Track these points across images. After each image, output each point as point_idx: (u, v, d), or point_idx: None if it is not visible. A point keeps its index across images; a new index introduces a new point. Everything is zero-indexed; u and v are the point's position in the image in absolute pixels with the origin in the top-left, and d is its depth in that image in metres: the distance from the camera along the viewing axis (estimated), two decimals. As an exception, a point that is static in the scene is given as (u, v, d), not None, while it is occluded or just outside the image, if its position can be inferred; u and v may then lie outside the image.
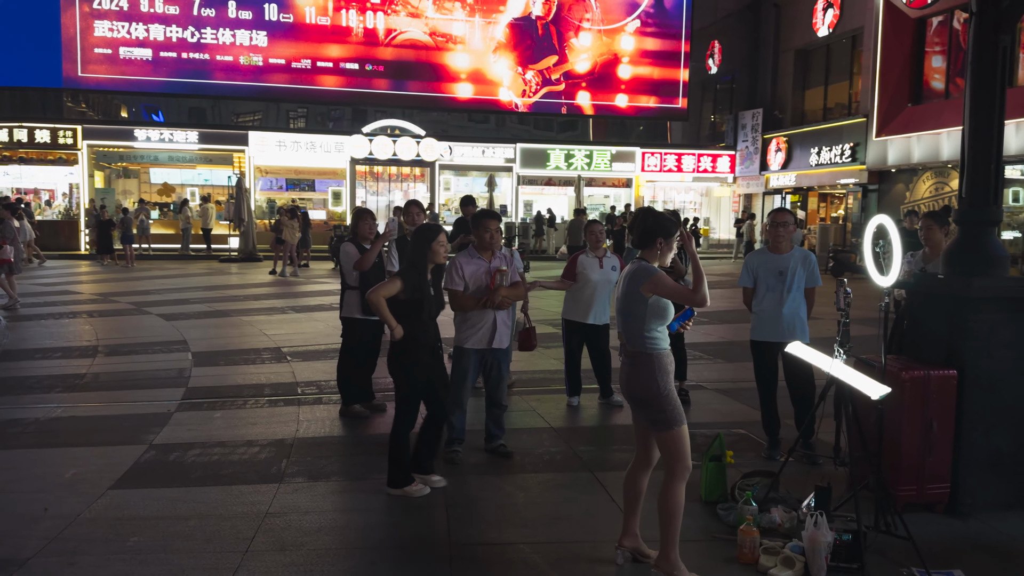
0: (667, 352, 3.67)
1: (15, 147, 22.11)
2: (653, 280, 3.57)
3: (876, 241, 3.93)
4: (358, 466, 5.19)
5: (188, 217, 22.80)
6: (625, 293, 3.69)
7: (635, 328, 3.62)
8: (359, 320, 6.25)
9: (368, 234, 6.30)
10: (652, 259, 3.70)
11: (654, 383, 3.58)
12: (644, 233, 3.71)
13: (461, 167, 25.56)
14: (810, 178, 23.67)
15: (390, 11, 24.09)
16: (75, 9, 21.87)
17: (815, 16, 23.37)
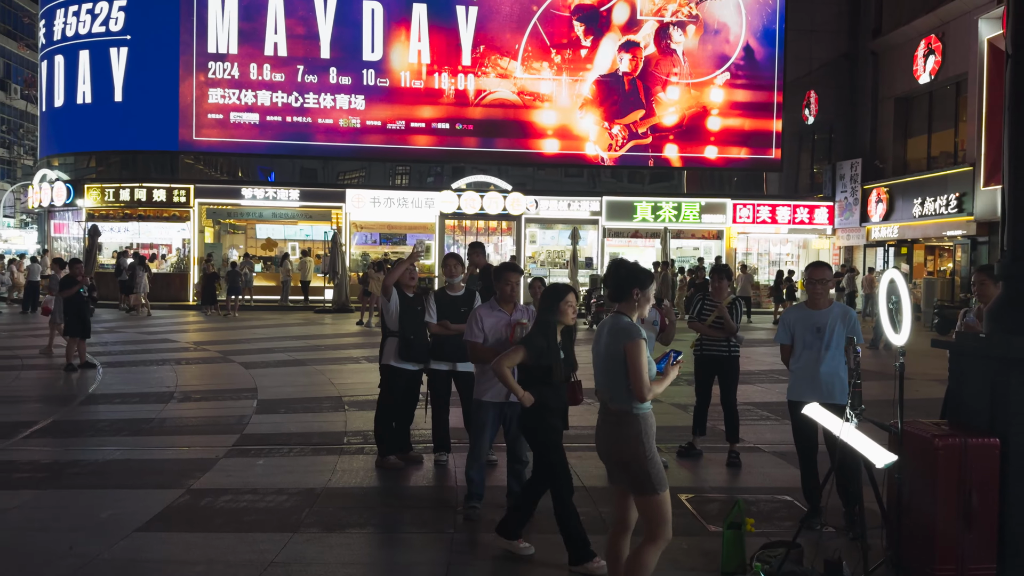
0: (651, 413, 3.53)
1: (135, 205, 24.01)
2: (632, 346, 3.45)
3: (889, 297, 3.67)
4: (375, 518, 5.20)
5: (288, 270, 23.94)
6: (607, 350, 3.57)
7: (619, 386, 3.50)
8: (396, 368, 6.31)
9: (409, 281, 6.41)
10: (630, 311, 3.60)
11: (640, 445, 3.44)
12: (618, 286, 3.62)
13: (547, 220, 25.76)
14: (914, 230, 22.43)
15: (480, 73, 24.90)
16: (192, 79, 23.78)
17: (916, 63, 22.48)
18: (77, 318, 11.30)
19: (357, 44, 24.43)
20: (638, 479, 3.41)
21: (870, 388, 10.61)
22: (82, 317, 11.38)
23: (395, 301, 6.28)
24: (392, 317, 6.31)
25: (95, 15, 24.21)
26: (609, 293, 3.64)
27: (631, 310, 3.55)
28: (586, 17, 25.12)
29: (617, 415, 3.49)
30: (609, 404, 3.54)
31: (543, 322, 4.42)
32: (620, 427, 3.47)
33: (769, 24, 25.74)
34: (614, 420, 3.50)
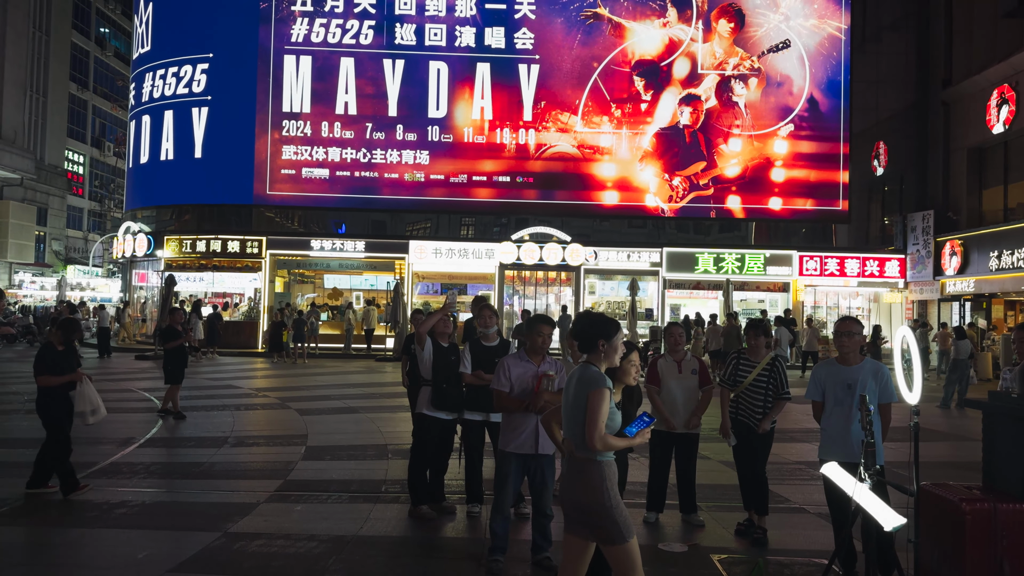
0: (613, 462, 3.56)
1: (210, 256, 25.16)
2: (593, 394, 3.50)
3: (904, 355, 3.57)
4: (399, 568, 5.23)
5: (350, 319, 24.55)
6: (574, 398, 3.63)
7: (581, 434, 3.54)
8: (429, 417, 6.40)
9: (443, 330, 6.54)
10: (598, 362, 3.65)
11: (602, 493, 3.48)
12: (583, 336, 3.69)
13: (606, 271, 25.75)
14: (991, 284, 21.48)
15: (541, 128, 25.38)
16: (267, 137, 25.02)
17: (989, 113, 21.85)
18: (177, 366, 11.45)
19: (423, 102, 25.30)
20: (605, 529, 3.43)
21: (936, 449, 10.15)
22: (180, 364, 11.54)
23: (429, 350, 6.41)
24: (426, 366, 6.43)
25: (180, 78, 25.89)
26: (577, 344, 3.71)
27: (598, 360, 3.61)
28: (646, 72, 25.43)
29: (581, 463, 3.53)
30: (575, 452, 3.57)
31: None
32: (583, 475, 3.50)
33: (834, 76, 25.51)
34: (578, 468, 3.54)
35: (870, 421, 3.63)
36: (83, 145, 45.21)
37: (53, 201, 41.19)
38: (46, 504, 6.66)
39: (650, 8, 25.47)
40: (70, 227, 43.88)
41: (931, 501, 3.95)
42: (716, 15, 25.50)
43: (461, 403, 6.43)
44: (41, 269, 39.39)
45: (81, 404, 7.01)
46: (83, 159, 45.58)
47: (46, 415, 6.94)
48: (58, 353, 7.04)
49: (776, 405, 6.05)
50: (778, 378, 6.07)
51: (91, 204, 46.78)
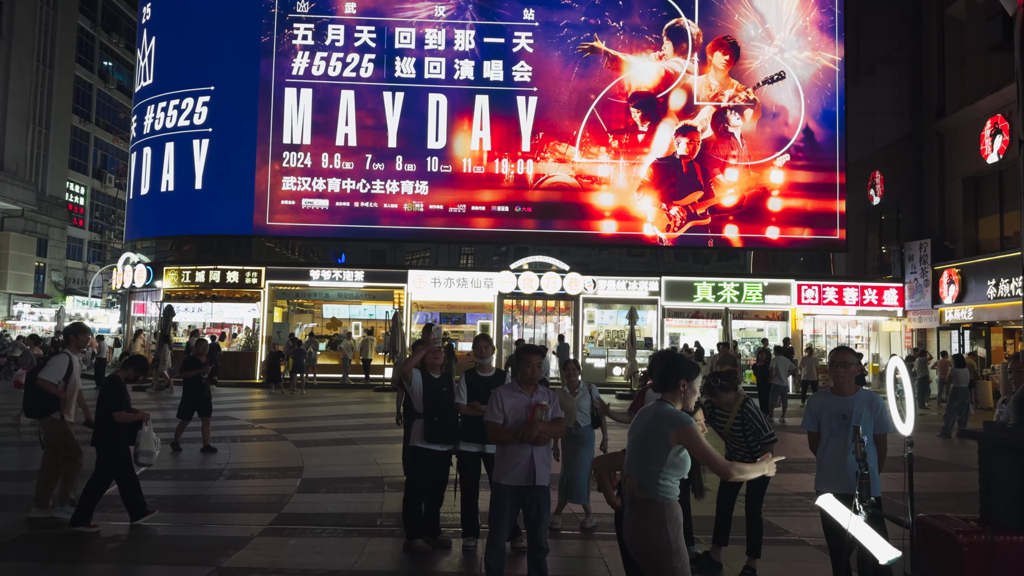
0: (677, 503, 3.47)
1: (209, 287, 25.19)
2: (687, 431, 3.41)
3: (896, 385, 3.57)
4: (393, 603, 5.17)
5: (345, 349, 24.50)
6: (647, 435, 3.53)
7: (651, 472, 3.44)
8: (423, 449, 6.37)
9: (434, 362, 6.50)
10: (675, 401, 3.58)
11: (663, 534, 3.36)
12: (664, 375, 3.62)
13: (605, 300, 25.77)
14: (989, 312, 21.48)
15: (539, 158, 25.57)
16: (267, 168, 25.20)
17: (983, 143, 22.02)
18: (191, 400, 11.20)
19: (422, 133, 25.52)
20: (661, 572, 3.32)
21: (937, 479, 10.07)
22: (196, 398, 11.25)
23: (418, 383, 6.38)
24: (417, 399, 6.40)
25: (181, 110, 26.14)
26: (654, 383, 3.65)
27: (675, 399, 3.55)
28: (643, 104, 25.69)
29: (643, 503, 3.44)
30: (635, 491, 3.47)
31: None
32: (644, 516, 3.42)
33: (828, 106, 25.77)
34: (640, 509, 3.45)
35: (864, 452, 3.61)
36: (84, 176, 45.50)
37: (53, 232, 41.33)
38: (41, 538, 6.59)
39: (646, 41, 25.81)
40: (70, 258, 43.98)
41: (928, 533, 3.91)
42: (711, 48, 25.83)
43: (455, 435, 6.40)
44: (40, 300, 39.40)
45: (147, 443, 7.13)
46: (84, 190, 45.84)
47: (111, 451, 6.92)
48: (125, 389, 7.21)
49: (763, 454, 5.66)
50: (752, 424, 5.91)
51: (91, 235, 46.93)
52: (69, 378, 7.31)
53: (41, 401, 7.23)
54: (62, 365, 7.27)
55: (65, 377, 7.27)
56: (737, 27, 25.86)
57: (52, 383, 7.19)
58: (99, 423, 6.96)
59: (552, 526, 6.94)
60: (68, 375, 7.30)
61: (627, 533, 3.54)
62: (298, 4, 25.55)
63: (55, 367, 7.25)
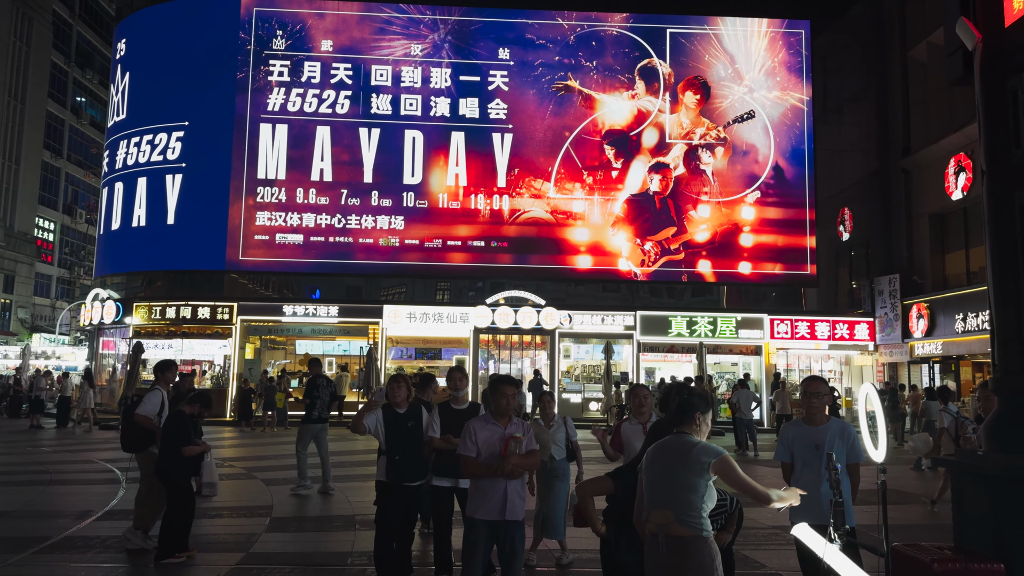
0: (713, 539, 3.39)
1: (179, 323, 24.83)
2: (724, 460, 3.34)
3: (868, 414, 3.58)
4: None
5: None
6: (682, 465, 3.40)
7: (692, 504, 3.29)
8: (384, 483, 6.21)
9: (396, 399, 6.38)
10: (692, 432, 3.54)
11: (713, 572, 3.22)
12: (683, 407, 3.57)
13: (581, 335, 25.78)
14: (958, 346, 21.80)
15: (515, 194, 25.75)
16: (241, 203, 25.07)
17: (947, 180, 22.56)
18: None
19: (398, 169, 25.61)
20: None
21: (910, 512, 10.08)
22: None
23: (373, 423, 6.25)
24: (380, 438, 6.28)
25: (155, 145, 26.02)
26: (671, 416, 3.58)
27: (692, 431, 3.50)
28: (616, 141, 26.05)
29: (682, 541, 3.26)
30: (671, 529, 3.29)
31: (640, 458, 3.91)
32: (688, 556, 3.23)
33: (798, 144, 26.32)
34: (679, 548, 3.25)
35: (838, 480, 3.61)
36: (54, 212, 44.95)
37: (21, 268, 40.64)
38: None
39: (619, 81, 26.28)
40: (37, 294, 43.21)
41: (903, 562, 3.89)
42: (683, 87, 26.35)
43: (422, 471, 6.28)
44: (5, 338, 38.54)
45: (211, 475, 7.35)
46: (54, 226, 45.25)
47: (176, 485, 7.06)
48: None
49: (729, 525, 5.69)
50: None
51: (60, 271, 46.22)
52: (162, 413, 7.56)
53: (139, 436, 7.53)
54: (156, 401, 7.58)
55: (159, 412, 7.54)
56: (707, 67, 26.44)
57: (149, 418, 7.46)
58: (166, 457, 7.11)
59: (527, 563, 6.81)
60: (161, 410, 7.57)
61: (659, 572, 3.33)
62: (274, 41, 25.72)
63: (151, 403, 7.55)
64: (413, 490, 6.32)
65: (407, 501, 6.30)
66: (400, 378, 6.56)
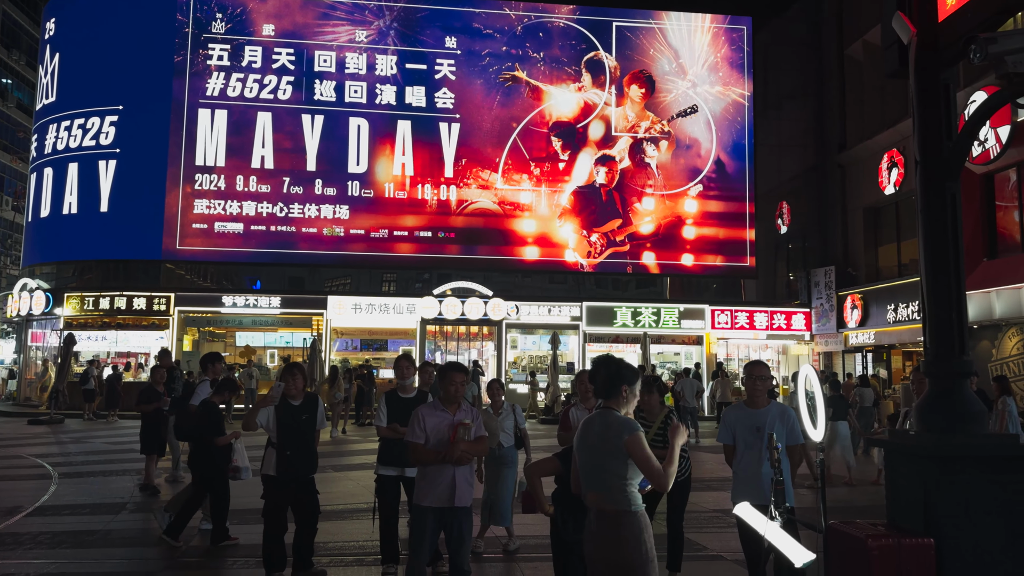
0: (646, 513, 3.42)
1: (113, 314, 24.01)
2: (635, 438, 3.36)
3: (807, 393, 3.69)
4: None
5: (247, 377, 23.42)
6: (601, 446, 3.45)
7: (615, 484, 3.35)
8: (272, 478, 6.12)
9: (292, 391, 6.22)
10: (619, 407, 3.54)
11: (641, 545, 3.26)
12: (608, 381, 3.57)
13: (528, 325, 25.88)
14: (889, 335, 22.63)
15: (462, 184, 25.64)
16: (179, 191, 24.34)
17: (880, 175, 23.32)
18: (150, 433, 10.30)
19: (343, 157, 25.21)
20: None
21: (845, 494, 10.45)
22: (157, 432, 10.37)
23: (266, 417, 6.12)
24: (271, 432, 6.14)
25: (86, 129, 25.03)
26: (597, 389, 3.58)
27: (619, 406, 3.50)
28: (563, 133, 26.17)
29: (613, 517, 3.32)
30: (603, 505, 3.36)
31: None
32: (619, 529, 3.29)
33: (738, 139, 26.86)
34: (611, 523, 3.32)
35: (779, 460, 3.70)
36: (-22, 199, 42.88)
37: (-58, 257, 38.69)
38: None
39: (566, 73, 26.38)
40: (-40, 284, 41.21)
41: (839, 539, 4.03)
42: (628, 81, 26.60)
43: (312, 465, 6.23)
44: (-75, 329, 36.70)
45: (242, 459, 7.38)
46: (-22, 213, 43.18)
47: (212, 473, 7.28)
48: None
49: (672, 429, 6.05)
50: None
51: (-15, 260, 44.15)
52: None
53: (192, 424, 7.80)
54: (207, 391, 8.03)
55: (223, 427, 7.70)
56: (653, 61, 26.75)
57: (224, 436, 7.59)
58: (199, 448, 7.42)
59: (475, 549, 6.82)
60: None
61: (597, 549, 3.39)
62: (214, 24, 24.99)
63: (204, 394, 8.02)
64: (306, 483, 6.21)
65: (300, 494, 6.17)
66: (296, 368, 6.33)
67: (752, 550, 4.89)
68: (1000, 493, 3.83)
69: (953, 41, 4.07)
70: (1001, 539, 3.80)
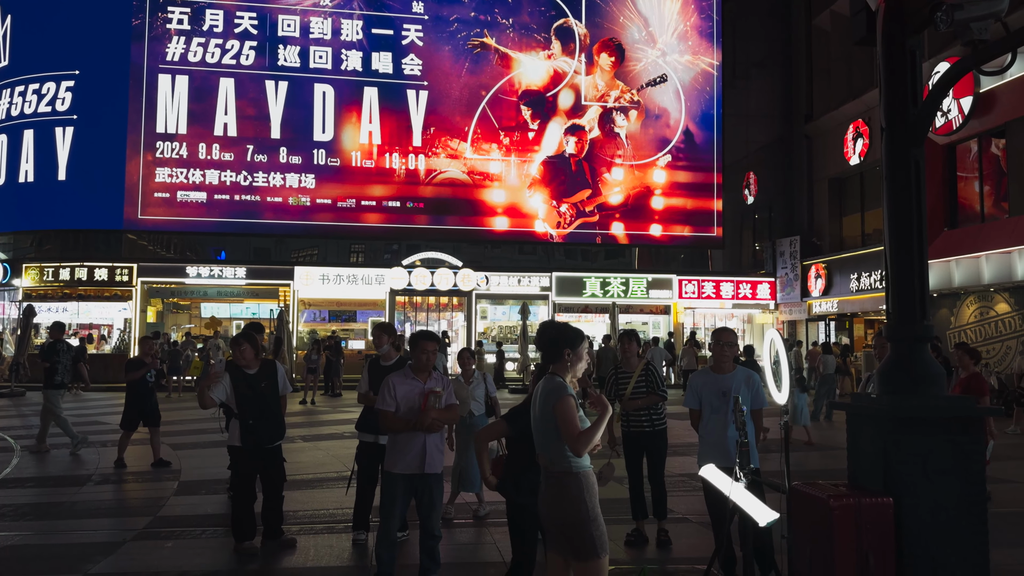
0: (592, 472, 3.50)
1: (74, 285, 23.50)
2: (561, 402, 3.45)
3: (771, 357, 3.75)
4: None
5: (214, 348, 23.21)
6: (542, 413, 3.56)
7: (557, 448, 3.47)
8: (237, 448, 6.10)
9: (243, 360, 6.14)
10: (563, 371, 3.59)
11: (582, 504, 3.38)
12: (550, 345, 3.62)
13: (497, 296, 25.90)
14: (852, 304, 23.08)
15: (430, 153, 25.38)
16: (139, 159, 23.76)
17: (846, 146, 23.60)
18: (135, 408, 9.99)
19: (308, 125, 24.78)
20: (581, 542, 3.36)
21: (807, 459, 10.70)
22: (142, 406, 10.08)
23: (223, 390, 6.01)
24: (231, 401, 6.07)
25: (42, 95, 24.23)
26: (542, 354, 3.64)
27: (564, 371, 3.55)
28: (533, 102, 25.98)
29: (557, 477, 3.45)
30: (549, 467, 3.49)
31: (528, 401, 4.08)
32: (561, 488, 3.42)
33: (707, 109, 26.91)
34: (555, 483, 3.46)
35: (744, 422, 3.77)
36: (-71, 166, 41.45)
37: None
38: None
39: (535, 40, 26.11)
40: (-88, 255, 39.95)
41: (802, 499, 4.12)
42: (597, 49, 26.43)
43: (279, 431, 6.22)
44: None
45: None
46: (-71, 181, 41.76)
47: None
48: None
49: (648, 396, 6.41)
50: (653, 380, 6.45)
51: (-62, 230, 42.84)
52: None
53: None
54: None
55: None
56: (622, 29, 26.59)
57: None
58: None
59: (445, 515, 6.88)
60: None
61: (546, 508, 3.53)
62: (173, -14, 24.23)
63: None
64: (271, 451, 6.19)
65: (267, 463, 6.14)
66: (242, 337, 6.20)
67: (717, 511, 4.99)
68: (956, 452, 3.95)
69: (920, 7, 4.10)
70: (956, 497, 3.92)
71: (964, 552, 3.89)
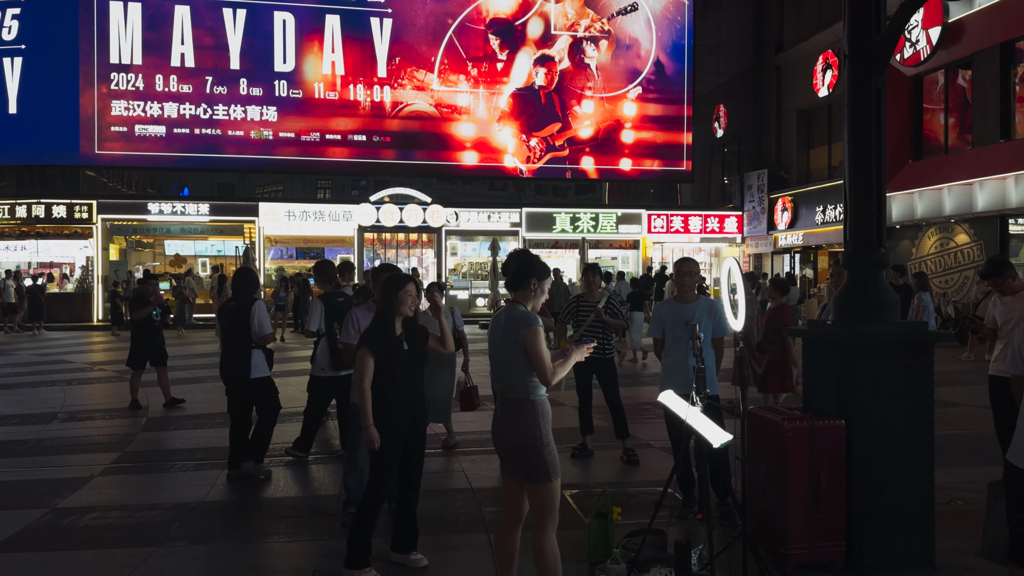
0: (547, 400, 3.56)
1: (32, 222, 22.89)
2: (531, 332, 3.46)
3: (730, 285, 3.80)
4: (248, 528, 5.05)
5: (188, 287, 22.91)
6: (504, 339, 3.58)
7: (515, 375, 3.51)
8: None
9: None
10: (525, 300, 3.60)
11: (536, 430, 3.46)
12: (517, 273, 3.63)
13: (468, 232, 25.77)
14: (817, 236, 23.37)
15: (396, 85, 24.79)
16: (94, 91, 22.89)
17: (815, 77, 23.48)
18: (141, 347, 9.58)
19: (268, 55, 23.99)
20: (533, 466, 3.44)
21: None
22: (149, 346, 9.63)
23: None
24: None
25: (-14, 24, 23.09)
26: (507, 281, 3.66)
27: (527, 300, 3.57)
28: (501, 31, 25.36)
29: (513, 403, 3.51)
30: (506, 393, 3.54)
31: (379, 315, 4.35)
32: (516, 415, 3.49)
33: (678, 40, 26.51)
34: (511, 408, 3.52)
35: (700, 349, 3.84)
36: None
37: None
38: None
39: (503, -35, 25.32)
40: None
41: (757, 422, 4.25)
42: (567, -25, 25.73)
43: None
44: None
45: None
46: None
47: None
48: None
49: (617, 320, 6.91)
50: (613, 309, 6.87)
51: None
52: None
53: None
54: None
55: None
56: (592, -45, 25.84)
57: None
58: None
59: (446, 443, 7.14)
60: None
61: (496, 430, 3.61)
62: (121, -94, 22.95)
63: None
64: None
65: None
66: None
67: (676, 434, 5.13)
68: (906, 376, 4.07)
69: (886, -70, 4.03)
70: (904, 419, 4.07)
71: (910, 471, 4.05)
